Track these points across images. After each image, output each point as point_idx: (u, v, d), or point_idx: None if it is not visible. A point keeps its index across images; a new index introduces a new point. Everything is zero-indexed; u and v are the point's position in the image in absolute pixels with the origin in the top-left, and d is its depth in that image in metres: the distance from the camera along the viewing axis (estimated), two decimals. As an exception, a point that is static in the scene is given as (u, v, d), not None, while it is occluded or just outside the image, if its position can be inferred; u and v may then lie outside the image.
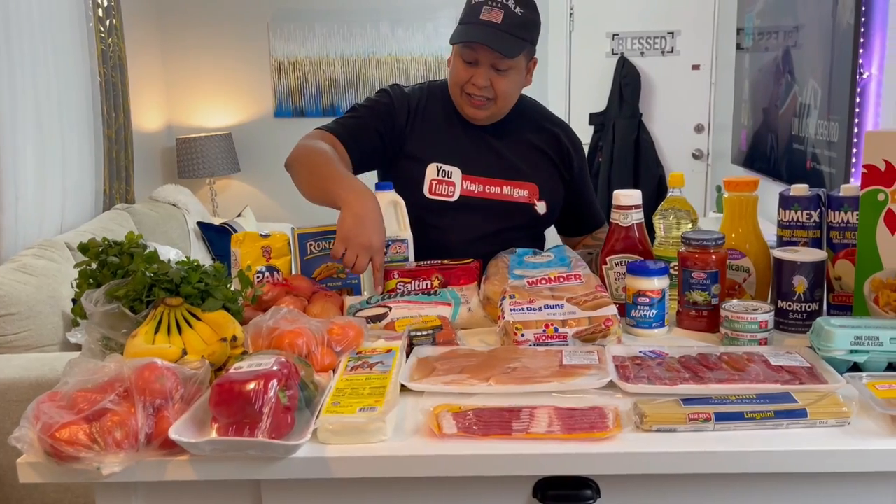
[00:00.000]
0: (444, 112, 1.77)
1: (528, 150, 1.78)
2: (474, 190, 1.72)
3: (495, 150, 1.76)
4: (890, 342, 1.11)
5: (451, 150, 1.73)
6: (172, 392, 0.97)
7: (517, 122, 1.79)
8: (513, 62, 1.64)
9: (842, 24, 2.70)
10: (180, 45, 4.62)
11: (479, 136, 1.76)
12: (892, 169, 1.22)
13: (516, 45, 1.62)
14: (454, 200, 1.71)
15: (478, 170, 1.73)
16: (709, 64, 4.51)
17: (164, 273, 1.16)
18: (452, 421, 1.01)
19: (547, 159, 1.80)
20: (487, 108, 1.69)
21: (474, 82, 1.65)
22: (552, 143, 1.81)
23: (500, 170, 1.74)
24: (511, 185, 1.74)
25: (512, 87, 1.69)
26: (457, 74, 1.69)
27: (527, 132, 1.79)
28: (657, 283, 1.32)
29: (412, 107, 1.76)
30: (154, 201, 3.83)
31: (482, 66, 1.64)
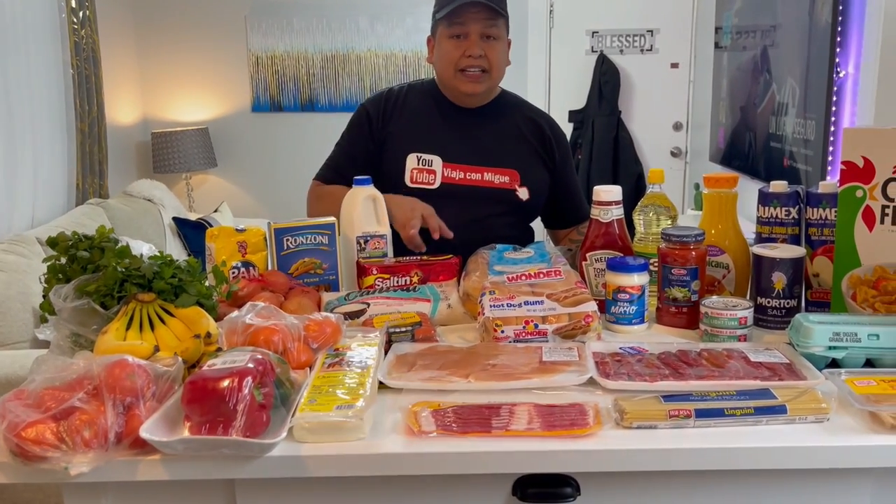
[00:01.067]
0: (424, 103, 1.80)
1: (510, 137, 1.80)
2: (455, 177, 1.74)
3: (476, 136, 1.78)
4: (868, 338, 1.11)
5: (432, 140, 1.75)
6: (144, 390, 0.94)
7: (500, 110, 1.81)
8: (499, 30, 1.70)
9: (819, 24, 2.72)
10: (156, 38, 4.56)
11: (461, 123, 1.78)
12: (870, 165, 1.22)
13: (501, 6, 1.68)
14: (435, 188, 1.73)
15: (458, 157, 1.74)
16: (687, 62, 4.54)
17: (137, 268, 1.14)
18: (431, 418, 0.99)
19: (529, 147, 1.81)
20: (483, 82, 1.72)
21: (469, 53, 1.68)
22: (535, 131, 1.83)
23: (480, 156, 1.75)
24: (492, 171, 1.75)
25: (501, 57, 1.73)
26: (448, 53, 1.71)
27: (509, 120, 1.81)
28: (637, 279, 1.31)
29: (389, 105, 1.80)
30: (128, 196, 3.77)
31: (473, 36, 1.68)
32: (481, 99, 1.78)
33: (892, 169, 1.20)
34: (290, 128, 4.68)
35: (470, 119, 1.79)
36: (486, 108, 1.80)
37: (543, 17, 4.44)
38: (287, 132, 4.68)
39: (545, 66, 4.50)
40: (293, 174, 4.68)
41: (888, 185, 1.21)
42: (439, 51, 1.75)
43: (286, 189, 4.68)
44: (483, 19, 1.67)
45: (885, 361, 1.12)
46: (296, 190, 4.64)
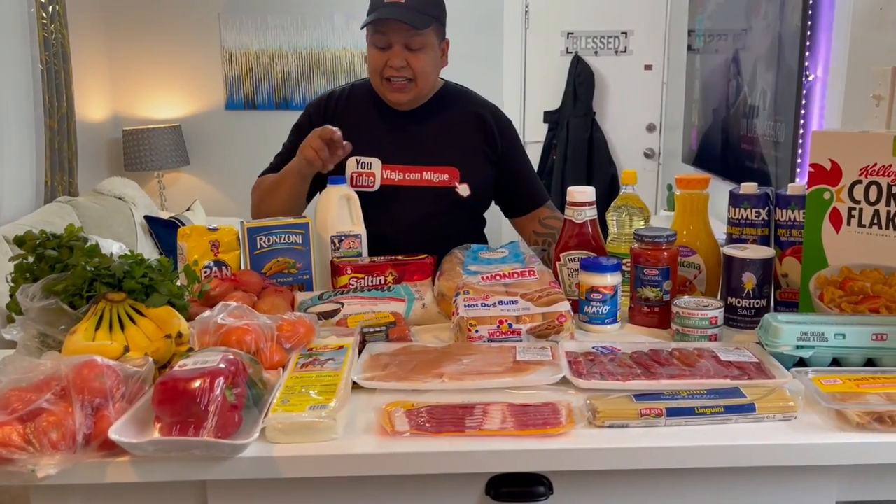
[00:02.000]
0: (363, 107, 1.81)
1: (450, 134, 1.80)
2: (394, 178, 1.76)
3: (415, 136, 1.79)
4: (834, 337, 1.13)
5: (371, 143, 1.76)
6: (113, 391, 0.93)
7: (439, 106, 1.81)
8: (424, 39, 1.69)
9: (788, 28, 2.77)
10: (127, 34, 4.50)
11: (400, 124, 1.79)
12: (838, 168, 1.24)
13: (424, 19, 1.67)
14: (375, 191, 1.74)
15: (397, 158, 1.76)
16: (661, 64, 4.58)
17: (106, 267, 1.12)
18: (405, 418, 0.99)
19: (469, 142, 1.82)
20: (409, 91, 1.73)
21: (391, 64, 1.69)
22: (476, 124, 1.83)
23: (419, 156, 1.77)
24: (430, 170, 1.77)
25: (428, 66, 1.73)
26: (373, 62, 1.72)
27: (448, 116, 1.82)
28: (610, 279, 1.33)
29: (329, 110, 1.82)
30: (99, 194, 3.72)
31: (396, 47, 1.68)
32: (414, 102, 1.78)
33: (858, 171, 1.22)
34: (265, 126, 4.64)
35: (408, 119, 1.80)
36: (423, 107, 1.81)
37: (519, 17, 4.46)
38: (261, 130, 4.64)
39: (520, 66, 4.52)
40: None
41: (854, 187, 1.23)
42: (368, 56, 1.76)
43: (260, 188, 4.64)
44: (405, 30, 1.67)
45: (851, 360, 1.15)
46: (270, 189, 4.62)
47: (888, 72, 1.47)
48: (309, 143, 1.60)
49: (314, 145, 1.58)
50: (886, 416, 0.97)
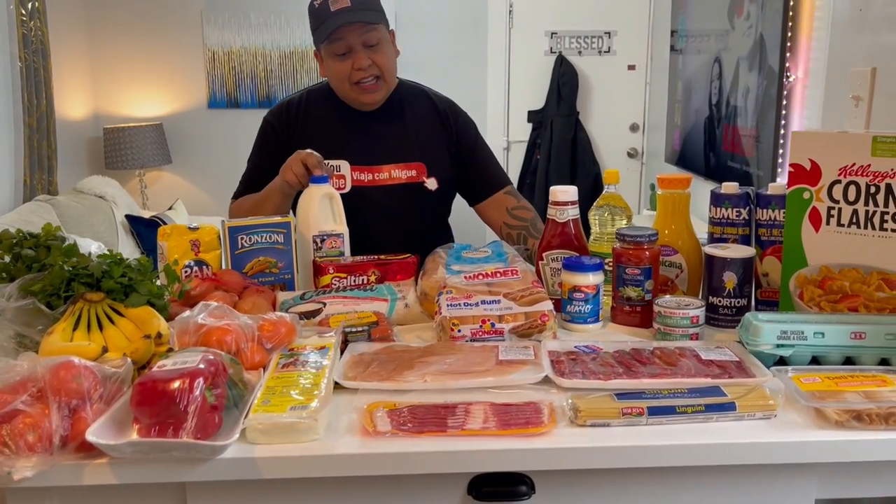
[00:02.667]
0: (325, 111, 1.83)
1: (412, 130, 1.83)
2: (364, 179, 1.78)
3: (379, 135, 1.81)
4: (814, 336, 1.14)
5: (337, 145, 1.78)
6: (90, 392, 0.92)
7: (398, 103, 1.84)
8: (378, 34, 1.71)
9: (769, 29, 2.79)
10: (108, 31, 4.45)
11: (362, 125, 1.81)
12: (817, 168, 1.25)
13: (373, 15, 1.70)
14: (347, 192, 1.75)
15: (365, 159, 1.77)
16: (644, 64, 4.60)
17: (84, 267, 1.11)
18: (387, 418, 0.99)
19: (430, 135, 1.84)
20: (380, 89, 1.76)
21: (357, 66, 1.71)
22: (432, 116, 1.86)
23: (385, 154, 1.79)
24: (398, 167, 1.79)
25: (390, 59, 1.77)
26: (339, 71, 1.74)
27: (407, 112, 1.85)
28: (592, 278, 1.33)
29: (291, 116, 1.83)
30: (79, 193, 3.68)
31: (357, 50, 1.70)
32: (383, 98, 1.81)
33: (837, 171, 1.24)
34: (248, 125, 4.58)
35: (370, 119, 1.82)
36: (384, 106, 1.82)
37: (503, 17, 4.46)
38: (244, 129, 4.58)
39: (504, 66, 4.53)
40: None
41: (834, 187, 1.24)
42: (329, 70, 1.77)
43: (243, 187, 4.61)
44: (360, 30, 1.69)
45: (830, 359, 1.16)
46: (253, 188, 4.59)
47: (867, 73, 1.48)
48: (290, 167, 1.60)
49: (296, 171, 1.58)
50: (864, 414, 0.98)
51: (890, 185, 1.19)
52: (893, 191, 1.19)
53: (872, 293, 1.23)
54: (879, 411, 0.98)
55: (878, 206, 1.21)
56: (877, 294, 1.23)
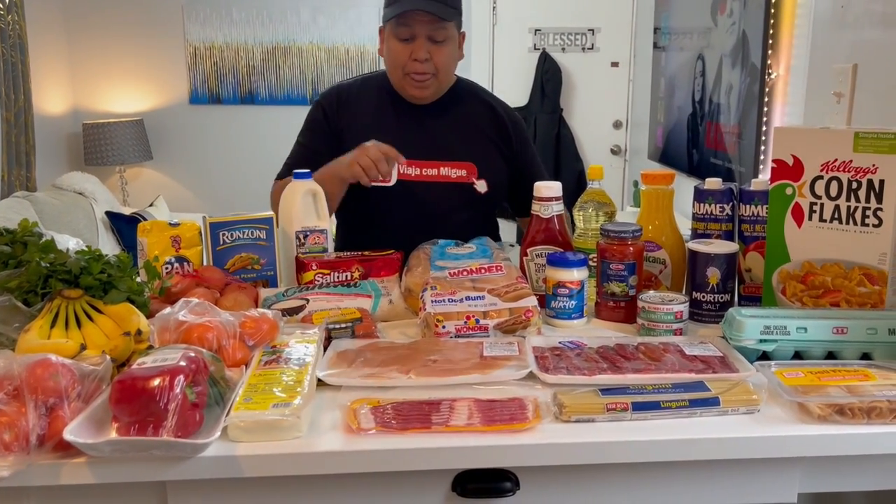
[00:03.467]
0: (377, 100, 1.77)
1: (465, 129, 1.78)
2: (411, 173, 1.71)
3: (431, 131, 1.76)
4: (796, 331, 1.15)
5: (386, 136, 1.70)
6: (68, 390, 0.90)
7: (453, 101, 1.79)
8: (447, 31, 1.66)
9: (751, 26, 2.80)
10: (87, 25, 4.40)
11: (415, 118, 1.76)
12: (799, 164, 1.26)
13: (448, 11, 1.64)
14: (392, 186, 1.68)
15: (414, 153, 1.71)
16: (627, 61, 4.62)
17: (62, 263, 1.09)
18: (370, 415, 0.98)
19: (485, 136, 1.79)
20: (430, 86, 1.70)
21: (415, 57, 1.65)
22: (489, 119, 1.81)
23: (436, 151, 1.74)
24: (448, 165, 1.73)
25: (450, 59, 1.70)
26: (395, 55, 1.67)
27: (463, 111, 1.80)
28: (576, 274, 1.33)
29: (342, 101, 1.77)
30: (58, 189, 3.64)
31: (419, 39, 1.64)
32: (433, 97, 1.76)
33: (819, 167, 1.24)
34: (229, 121, 4.58)
35: (424, 113, 1.77)
36: (439, 101, 1.78)
37: (486, 13, 4.46)
38: (226, 125, 4.58)
39: (488, 62, 4.52)
40: (232, 168, 4.60)
41: (816, 182, 1.25)
42: (387, 49, 1.71)
43: (225, 183, 4.58)
44: (430, 22, 1.64)
45: (813, 353, 1.16)
46: (235, 184, 4.58)
47: (848, 69, 1.49)
48: (367, 154, 1.54)
49: (373, 156, 1.54)
50: (847, 409, 0.98)
51: (871, 180, 1.20)
52: (875, 186, 1.20)
53: (854, 288, 1.24)
54: (861, 405, 0.98)
55: (859, 202, 1.21)
56: (858, 289, 1.24)
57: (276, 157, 1.90)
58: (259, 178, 4.61)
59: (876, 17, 1.41)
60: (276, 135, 4.63)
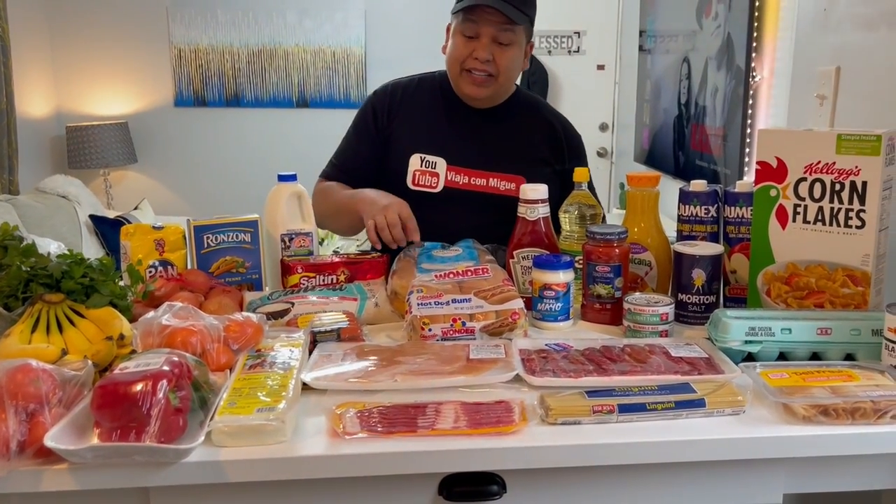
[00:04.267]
0: (431, 102, 1.73)
1: (519, 142, 1.73)
2: (459, 181, 1.67)
3: (483, 140, 1.71)
4: (781, 332, 1.15)
5: (437, 140, 1.68)
6: (49, 395, 0.89)
7: (510, 111, 1.74)
8: (514, 35, 1.62)
9: (736, 29, 2.82)
10: (70, 27, 4.37)
11: (468, 125, 1.71)
12: (783, 166, 1.26)
13: (519, 15, 1.60)
14: (438, 192, 1.65)
15: (463, 160, 1.67)
16: (613, 64, 4.64)
17: (43, 267, 1.08)
18: (356, 419, 0.97)
19: (539, 152, 1.74)
20: (488, 87, 1.65)
21: (476, 56, 1.61)
22: (547, 134, 1.76)
23: (486, 161, 1.69)
24: (497, 177, 1.69)
25: (513, 63, 1.66)
26: (457, 50, 1.63)
27: (518, 123, 1.75)
28: (562, 276, 1.33)
29: (395, 101, 1.73)
30: (41, 193, 3.60)
31: (484, 39, 1.60)
32: (490, 101, 1.70)
33: (803, 169, 1.25)
34: (215, 123, 4.56)
35: (478, 120, 1.72)
36: (496, 109, 1.73)
37: (473, 16, 4.45)
38: (211, 128, 4.56)
39: (475, 65, 4.52)
40: (218, 170, 4.57)
41: (800, 184, 1.25)
42: (451, 44, 1.66)
43: (210, 186, 4.56)
44: (497, 23, 1.59)
45: (797, 354, 1.17)
46: (220, 187, 4.56)
47: (831, 72, 1.50)
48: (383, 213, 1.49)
49: (390, 220, 1.48)
50: (831, 409, 0.99)
51: (854, 182, 1.21)
52: (857, 188, 1.21)
53: (838, 289, 1.25)
54: (846, 406, 0.99)
55: (842, 203, 1.22)
56: (842, 290, 1.24)
57: (261, 160, 1.90)
58: (245, 181, 4.60)
59: (858, 21, 1.42)
60: (261, 137, 4.62)
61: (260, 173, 4.20)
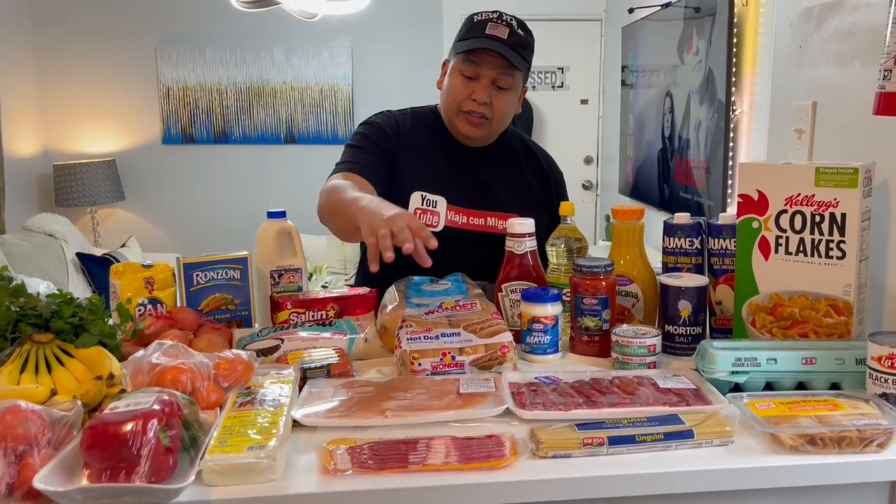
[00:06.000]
0: (430, 138, 1.72)
1: (512, 179, 1.74)
2: (458, 221, 1.66)
3: (480, 179, 1.71)
4: (767, 362, 1.17)
5: (437, 179, 1.67)
6: (38, 437, 0.89)
7: (501, 149, 1.75)
8: (513, 80, 1.62)
9: (716, 65, 2.88)
10: (58, 67, 4.40)
11: (465, 163, 1.71)
12: (764, 198, 1.29)
13: (520, 60, 1.61)
14: (438, 231, 1.63)
15: (462, 200, 1.67)
16: (596, 98, 4.71)
17: (33, 307, 1.08)
18: (347, 456, 0.97)
19: (529, 188, 1.76)
20: (483, 128, 1.65)
21: (475, 97, 1.61)
22: (535, 170, 1.78)
23: (483, 200, 1.69)
24: (494, 216, 1.68)
25: (508, 108, 1.66)
26: (455, 90, 1.63)
27: (511, 160, 1.76)
28: (550, 309, 1.34)
29: (402, 131, 1.70)
30: (28, 231, 3.59)
31: (483, 81, 1.60)
32: (484, 140, 1.71)
33: (784, 201, 1.27)
34: (203, 160, 4.58)
35: (474, 159, 1.72)
36: (490, 147, 1.73)
37: (458, 53, 4.52)
38: (199, 165, 4.58)
39: (461, 100, 4.58)
40: (206, 207, 4.58)
41: (781, 216, 1.28)
42: (448, 82, 1.66)
43: (199, 222, 4.56)
44: (499, 66, 1.59)
45: (783, 384, 1.18)
46: (209, 223, 4.56)
47: (808, 106, 1.54)
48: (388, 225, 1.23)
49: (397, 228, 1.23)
50: (818, 439, 1.00)
51: (833, 214, 1.23)
52: (837, 219, 1.23)
53: (821, 319, 1.26)
54: (832, 435, 1.00)
55: (822, 235, 1.25)
56: (825, 320, 1.26)
57: (250, 196, 1.90)
58: (234, 218, 4.61)
59: (832, 58, 1.46)
60: (250, 174, 4.64)
61: (249, 210, 4.21)
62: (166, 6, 4.43)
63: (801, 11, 1.58)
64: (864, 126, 1.36)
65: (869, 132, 1.36)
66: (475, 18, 1.63)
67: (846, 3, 1.43)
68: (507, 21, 1.61)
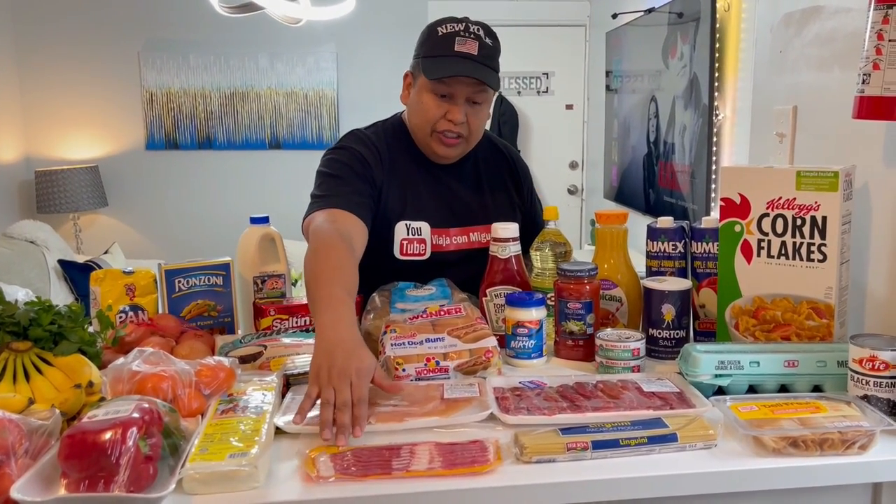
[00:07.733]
0: (404, 160, 1.61)
1: (489, 189, 1.69)
2: (443, 244, 1.61)
3: (456, 195, 1.65)
4: (750, 365, 1.17)
5: (417, 204, 1.60)
6: (15, 446, 0.88)
7: (473, 160, 1.68)
8: (487, 94, 1.54)
9: (700, 70, 2.90)
10: (40, 71, 4.36)
11: (440, 181, 1.64)
12: (746, 202, 1.30)
13: (493, 77, 1.52)
14: (427, 258, 1.59)
15: (443, 221, 1.61)
16: (581, 104, 4.73)
17: (10, 315, 1.06)
18: (330, 463, 0.97)
19: (505, 194, 1.71)
20: (459, 147, 1.57)
21: (450, 118, 1.51)
22: (505, 169, 1.73)
23: (462, 217, 1.64)
24: (475, 230, 1.64)
25: (483, 121, 1.58)
26: (428, 112, 1.52)
27: (483, 169, 1.69)
28: (535, 313, 1.34)
29: (381, 157, 1.59)
30: (8, 238, 3.55)
31: (458, 100, 1.51)
32: (457, 157, 1.62)
33: (765, 205, 1.28)
34: (187, 166, 4.55)
35: (448, 176, 1.64)
36: (461, 162, 1.65)
37: (443, 58, 4.53)
38: (183, 170, 4.55)
39: (446, 106, 4.58)
40: (190, 213, 4.55)
41: (762, 219, 1.29)
42: (418, 101, 1.54)
43: (182, 229, 4.53)
44: (473, 84, 1.50)
45: (766, 387, 1.18)
46: (193, 229, 4.53)
47: (789, 111, 1.55)
48: (331, 385, 1.06)
49: (339, 401, 1.04)
50: (800, 441, 1.00)
51: (815, 217, 1.24)
52: (818, 223, 1.24)
53: (803, 322, 1.27)
54: (814, 437, 1.00)
55: (804, 238, 1.26)
56: (807, 322, 1.27)
57: (234, 202, 1.89)
58: (217, 224, 4.58)
59: (812, 62, 1.47)
60: (234, 179, 4.62)
61: (232, 215, 4.19)
62: (150, 11, 4.41)
63: (782, 16, 1.59)
64: (845, 130, 1.37)
65: (849, 136, 1.37)
66: (440, 31, 1.52)
67: (826, 8, 1.44)
68: (474, 33, 1.51)
